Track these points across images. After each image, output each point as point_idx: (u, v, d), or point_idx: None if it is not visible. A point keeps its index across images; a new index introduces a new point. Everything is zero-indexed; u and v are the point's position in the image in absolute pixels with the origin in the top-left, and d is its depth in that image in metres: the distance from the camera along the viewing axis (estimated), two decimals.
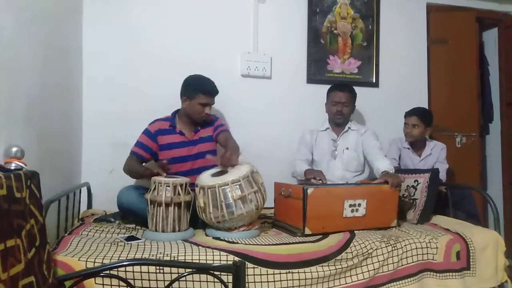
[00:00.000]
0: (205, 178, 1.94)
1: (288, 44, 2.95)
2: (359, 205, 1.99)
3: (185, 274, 1.35)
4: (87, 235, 1.84)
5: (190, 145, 2.29)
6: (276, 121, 2.88)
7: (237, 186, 1.84)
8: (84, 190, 2.43)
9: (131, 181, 2.39)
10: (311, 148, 2.65)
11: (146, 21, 2.67)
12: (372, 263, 1.80)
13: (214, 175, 1.95)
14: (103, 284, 1.41)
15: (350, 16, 3.08)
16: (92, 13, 2.56)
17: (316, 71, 3.00)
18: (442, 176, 2.65)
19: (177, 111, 2.36)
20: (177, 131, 2.29)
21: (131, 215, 2.08)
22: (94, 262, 1.47)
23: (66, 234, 1.82)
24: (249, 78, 2.85)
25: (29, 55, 1.69)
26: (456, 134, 3.29)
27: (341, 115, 2.59)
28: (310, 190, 1.90)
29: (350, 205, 1.98)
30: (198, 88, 2.24)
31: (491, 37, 3.71)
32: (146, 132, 2.28)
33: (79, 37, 2.52)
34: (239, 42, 2.83)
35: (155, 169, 2.00)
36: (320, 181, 2.22)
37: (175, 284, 1.42)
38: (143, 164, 2.27)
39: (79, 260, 1.46)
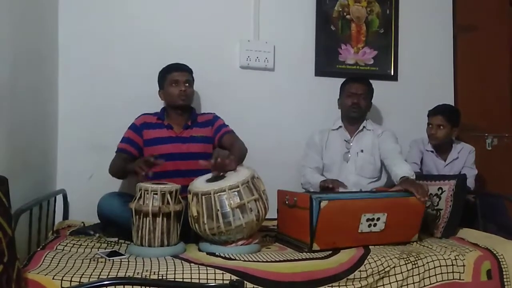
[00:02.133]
0: (199, 184, 1.94)
1: (293, 31, 2.95)
2: (378, 219, 1.99)
3: None
4: (63, 250, 1.83)
5: (178, 142, 2.34)
6: (280, 119, 2.89)
7: (236, 193, 1.85)
8: (59, 198, 2.42)
9: (114, 188, 2.40)
10: (321, 152, 2.65)
11: (129, 6, 2.67)
12: (390, 283, 1.79)
13: (209, 180, 1.96)
14: None
15: None
16: None
17: (326, 62, 3.00)
18: (470, 183, 2.64)
19: (165, 107, 2.45)
20: (165, 124, 2.36)
21: (114, 226, 2.08)
22: (71, 281, 1.46)
23: (39, 249, 1.82)
24: (249, 70, 2.85)
25: None
26: (486, 134, 3.29)
27: (357, 107, 2.61)
28: (324, 203, 1.88)
29: (368, 219, 1.97)
30: (165, 72, 2.41)
31: None
32: (132, 126, 2.37)
33: (55, 24, 2.53)
34: (238, 29, 2.84)
35: (137, 165, 1.96)
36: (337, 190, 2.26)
37: None
38: None
39: (53, 279, 1.46)
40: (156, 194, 1.82)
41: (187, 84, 2.37)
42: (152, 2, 2.70)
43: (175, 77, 2.36)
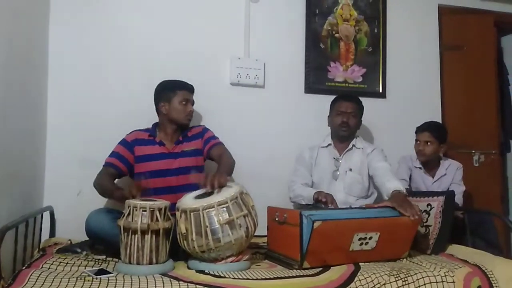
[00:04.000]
0: (188, 201, 1.92)
1: (283, 49, 2.99)
2: (370, 238, 1.98)
3: None
4: (49, 268, 1.80)
5: (170, 158, 2.33)
6: (270, 136, 2.90)
7: (224, 209, 1.83)
8: (46, 215, 2.39)
9: (102, 205, 2.37)
10: (311, 169, 2.65)
11: (121, 21, 2.69)
12: None
13: (198, 197, 1.95)
14: None
15: (354, 18, 3.14)
16: (60, 11, 2.58)
17: (316, 79, 3.03)
18: (459, 199, 2.66)
19: (157, 123, 2.43)
20: (157, 141, 2.34)
21: (102, 243, 2.06)
22: None
23: (24, 268, 1.78)
24: (239, 87, 2.87)
25: None
26: (473, 151, 3.32)
27: (346, 126, 2.61)
28: (317, 224, 1.86)
29: (360, 239, 1.97)
30: (175, 87, 2.38)
31: (510, 43, 3.79)
32: (123, 142, 2.35)
33: (45, 38, 2.53)
34: (228, 46, 2.86)
35: (127, 191, 1.97)
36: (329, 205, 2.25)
37: None
38: (117, 180, 2.29)
39: None
40: (145, 210, 1.80)
41: (192, 105, 2.41)
42: (143, 19, 2.72)
43: (186, 96, 2.38)
